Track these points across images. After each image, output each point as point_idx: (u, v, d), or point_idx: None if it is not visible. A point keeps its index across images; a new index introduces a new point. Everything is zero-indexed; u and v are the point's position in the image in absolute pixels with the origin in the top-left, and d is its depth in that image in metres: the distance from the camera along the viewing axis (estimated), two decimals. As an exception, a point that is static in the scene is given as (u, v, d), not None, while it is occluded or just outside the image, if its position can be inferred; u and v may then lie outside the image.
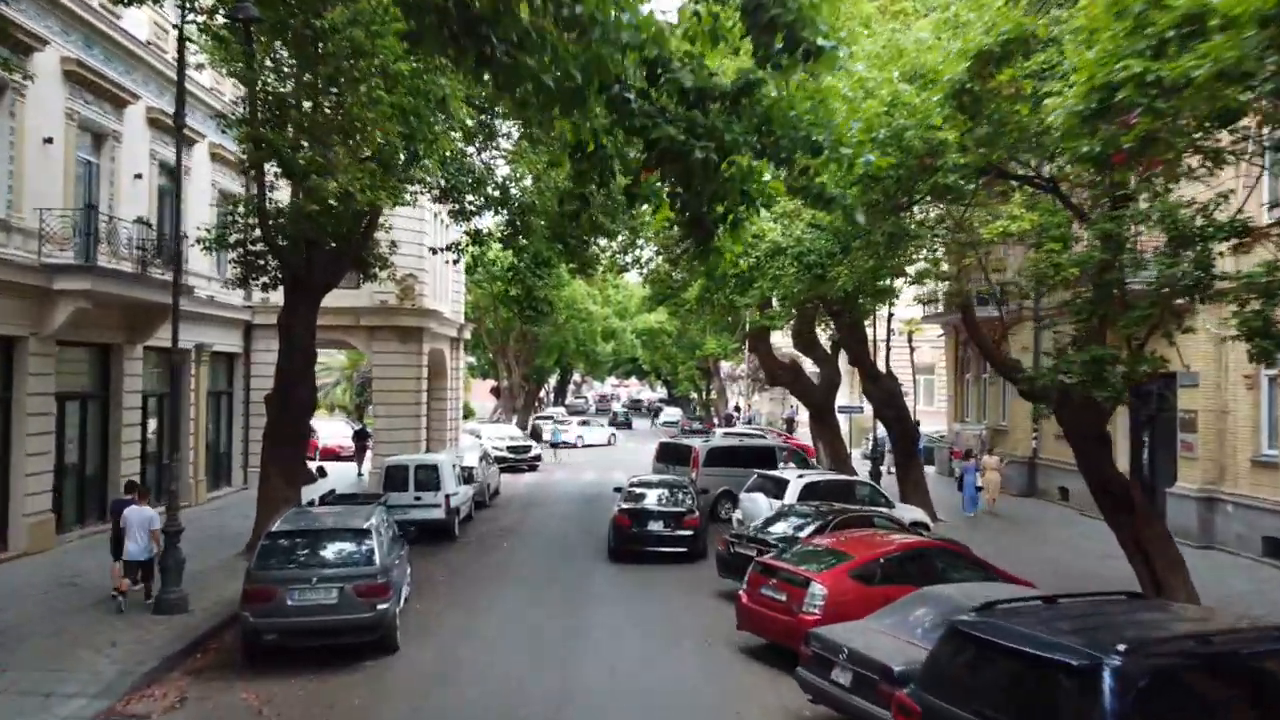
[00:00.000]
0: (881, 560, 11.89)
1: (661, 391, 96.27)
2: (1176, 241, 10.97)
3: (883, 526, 15.37)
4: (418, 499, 20.39)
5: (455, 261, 20.58)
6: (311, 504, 17.09)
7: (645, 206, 22.55)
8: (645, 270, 32.76)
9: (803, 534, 14.80)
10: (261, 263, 18.02)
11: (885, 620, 9.79)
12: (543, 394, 75.41)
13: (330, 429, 41.42)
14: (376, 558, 11.94)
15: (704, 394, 72.68)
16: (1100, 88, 7.04)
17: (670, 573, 17.37)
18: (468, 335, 38.46)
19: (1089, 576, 16.89)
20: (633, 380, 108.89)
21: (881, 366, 24.95)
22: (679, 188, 5.92)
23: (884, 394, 23.43)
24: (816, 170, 6.07)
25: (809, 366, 30.80)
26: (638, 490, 19.58)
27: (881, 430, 26.73)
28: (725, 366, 65.19)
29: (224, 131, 18.07)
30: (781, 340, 37.92)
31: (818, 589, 11.31)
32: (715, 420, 59.14)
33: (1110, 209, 12.25)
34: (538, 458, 37.85)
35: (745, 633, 12.53)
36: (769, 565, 12.29)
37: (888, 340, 26.49)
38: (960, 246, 14.48)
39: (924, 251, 16.02)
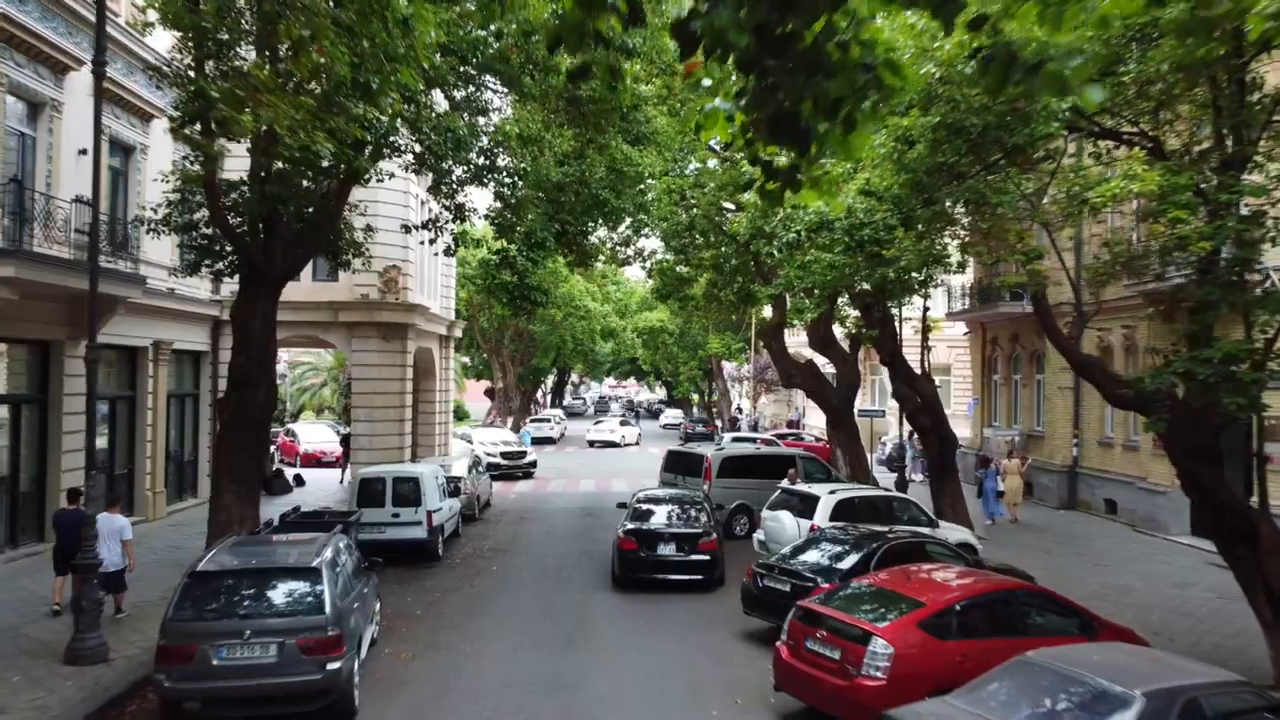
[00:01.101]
0: (957, 608, 9.55)
1: (661, 393, 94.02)
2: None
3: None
4: (395, 516, 17.97)
5: (432, 241, 18.15)
6: (269, 524, 14.82)
7: (650, 146, 19.71)
8: (648, 264, 30.56)
9: (842, 564, 12.51)
10: (217, 248, 15.79)
11: (978, 699, 7.46)
12: (540, 395, 73.26)
13: (313, 433, 39.47)
14: (327, 603, 9.57)
15: (706, 395, 70.39)
16: None
17: (685, 605, 14.96)
18: (459, 333, 36.06)
19: (1178, 614, 14.64)
20: (631, 381, 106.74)
21: (916, 367, 22.50)
22: (756, 42, 3.38)
23: (920, 398, 21.02)
24: (997, 21, 3.62)
25: (823, 366, 28.43)
26: (645, 507, 17.02)
27: (904, 433, 24.42)
28: (729, 367, 63.00)
29: (158, 88, 15.77)
30: (789, 339, 35.61)
31: (881, 646, 8.97)
32: (719, 423, 56.80)
33: (1220, 170, 10.01)
34: (533, 464, 35.45)
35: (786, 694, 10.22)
36: (815, 612, 9.90)
37: (924, 338, 24.03)
38: (1049, 217, 12.11)
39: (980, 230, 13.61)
